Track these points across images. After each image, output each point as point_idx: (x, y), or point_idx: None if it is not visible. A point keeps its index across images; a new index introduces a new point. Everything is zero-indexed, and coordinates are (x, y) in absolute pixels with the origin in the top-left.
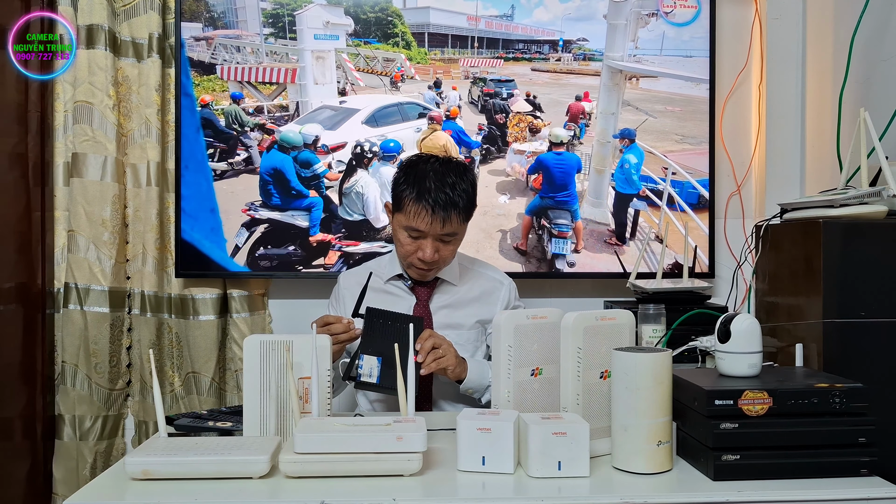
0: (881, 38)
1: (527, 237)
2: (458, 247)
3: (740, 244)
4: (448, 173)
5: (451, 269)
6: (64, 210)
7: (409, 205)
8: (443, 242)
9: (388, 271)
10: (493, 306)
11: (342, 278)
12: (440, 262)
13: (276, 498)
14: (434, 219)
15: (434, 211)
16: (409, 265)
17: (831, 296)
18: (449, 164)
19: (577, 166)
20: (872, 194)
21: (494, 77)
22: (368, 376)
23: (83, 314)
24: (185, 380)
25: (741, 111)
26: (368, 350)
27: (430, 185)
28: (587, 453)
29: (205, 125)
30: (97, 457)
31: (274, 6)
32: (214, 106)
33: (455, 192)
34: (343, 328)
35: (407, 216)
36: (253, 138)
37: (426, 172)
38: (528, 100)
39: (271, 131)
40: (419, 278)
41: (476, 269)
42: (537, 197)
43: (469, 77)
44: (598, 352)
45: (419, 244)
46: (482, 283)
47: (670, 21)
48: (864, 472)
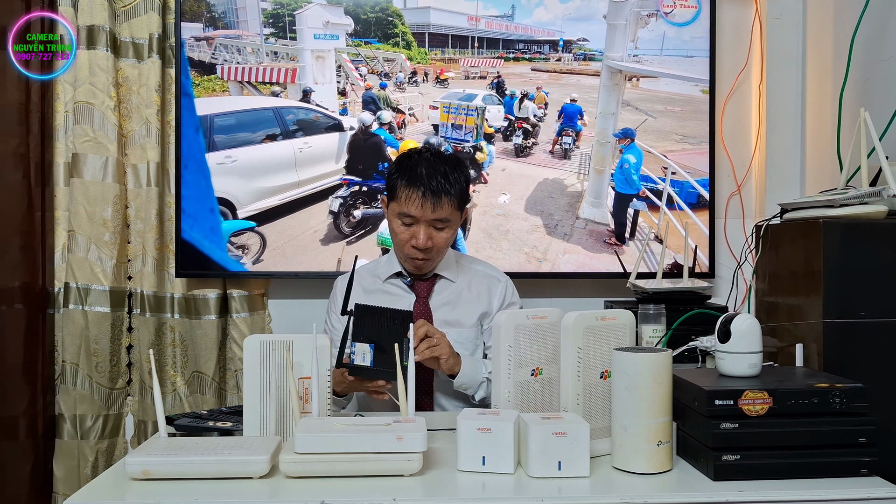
0: (881, 38)
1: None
2: (453, 236)
3: (740, 244)
4: (440, 164)
5: (449, 266)
6: (64, 210)
7: (402, 191)
8: (436, 229)
9: (386, 270)
10: (491, 303)
11: (338, 282)
12: (434, 251)
13: (276, 498)
14: (425, 202)
15: (424, 195)
16: (405, 257)
17: (831, 296)
18: (441, 156)
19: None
20: (872, 194)
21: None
22: (362, 361)
23: (84, 314)
24: (188, 379)
25: (741, 111)
26: (359, 338)
27: (422, 172)
28: (587, 453)
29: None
30: (98, 456)
31: (274, 6)
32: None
33: (447, 179)
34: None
35: (399, 203)
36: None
37: (418, 162)
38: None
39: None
40: (416, 271)
41: (473, 267)
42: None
43: (469, 77)
44: (598, 352)
45: (413, 231)
46: (480, 280)
47: (670, 21)
48: (864, 472)
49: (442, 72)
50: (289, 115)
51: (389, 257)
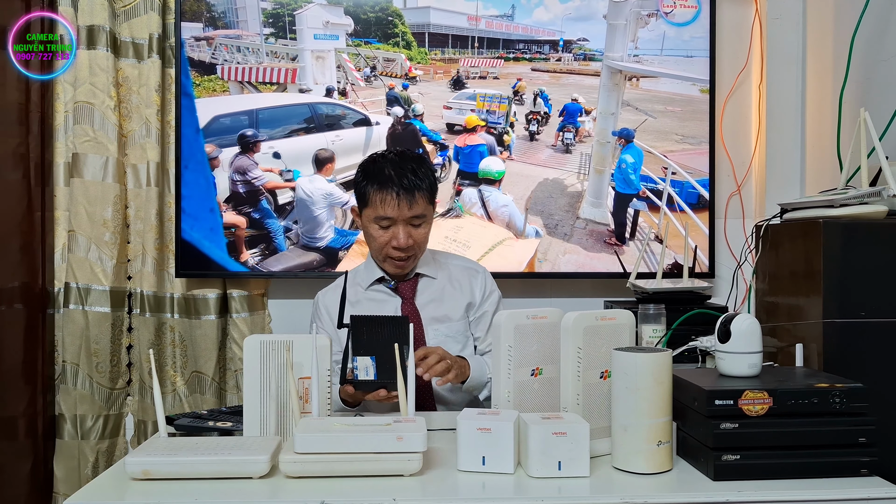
0: (881, 38)
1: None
2: (429, 231)
3: (740, 244)
4: (406, 162)
5: (427, 263)
6: (64, 210)
7: (374, 195)
8: (413, 227)
9: (366, 278)
10: (474, 293)
11: (320, 297)
12: (415, 248)
13: (276, 498)
14: (400, 201)
15: (398, 194)
16: (385, 258)
17: (831, 296)
18: (404, 154)
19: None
20: (872, 194)
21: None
22: (365, 375)
23: (84, 314)
24: (188, 379)
25: (741, 111)
26: (359, 352)
27: (391, 173)
28: (587, 453)
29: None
30: (98, 456)
31: (274, 6)
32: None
33: (416, 175)
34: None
35: (374, 207)
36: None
37: (384, 165)
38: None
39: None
40: (398, 271)
41: (450, 261)
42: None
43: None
44: (598, 352)
45: (391, 233)
46: (459, 273)
47: (670, 21)
48: (864, 472)
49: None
50: (320, 111)
51: (367, 265)
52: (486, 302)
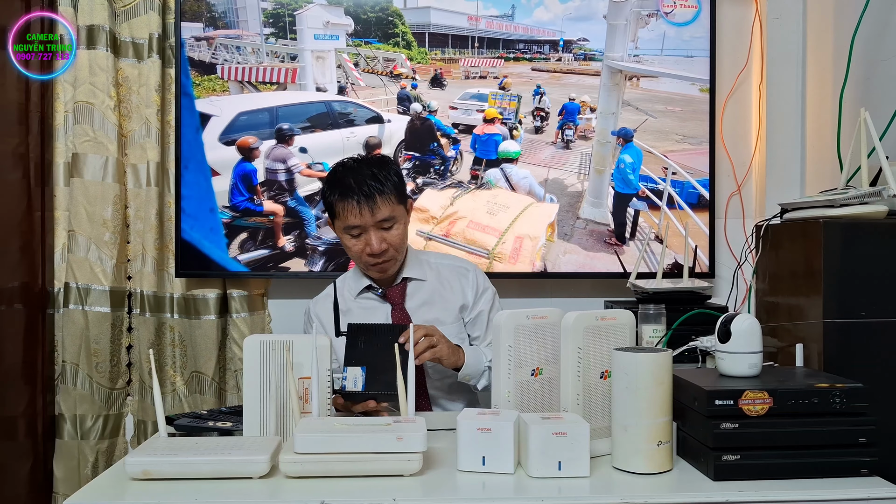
0: (881, 38)
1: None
2: (406, 231)
3: (740, 244)
4: (364, 167)
5: (414, 266)
6: (64, 210)
7: (338, 206)
8: (384, 230)
9: (354, 286)
10: (465, 294)
11: (311, 307)
12: (392, 251)
13: (276, 498)
14: (363, 209)
15: (360, 202)
16: (365, 266)
17: (831, 296)
18: (364, 160)
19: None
20: (873, 194)
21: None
22: (353, 386)
23: (84, 314)
24: (188, 379)
25: (741, 111)
26: (351, 362)
27: (350, 182)
28: (587, 453)
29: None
30: (98, 456)
31: (274, 6)
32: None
33: (376, 179)
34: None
35: (341, 218)
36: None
37: (344, 174)
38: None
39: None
40: (381, 274)
41: (438, 262)
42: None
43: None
44: (598, 352)
45: (364, 240)
46: (449, 274)
47: (670, 21)
48: (864, 472)
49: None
50: (335, 109)
51: (354, 273)
52: (480, 300)
